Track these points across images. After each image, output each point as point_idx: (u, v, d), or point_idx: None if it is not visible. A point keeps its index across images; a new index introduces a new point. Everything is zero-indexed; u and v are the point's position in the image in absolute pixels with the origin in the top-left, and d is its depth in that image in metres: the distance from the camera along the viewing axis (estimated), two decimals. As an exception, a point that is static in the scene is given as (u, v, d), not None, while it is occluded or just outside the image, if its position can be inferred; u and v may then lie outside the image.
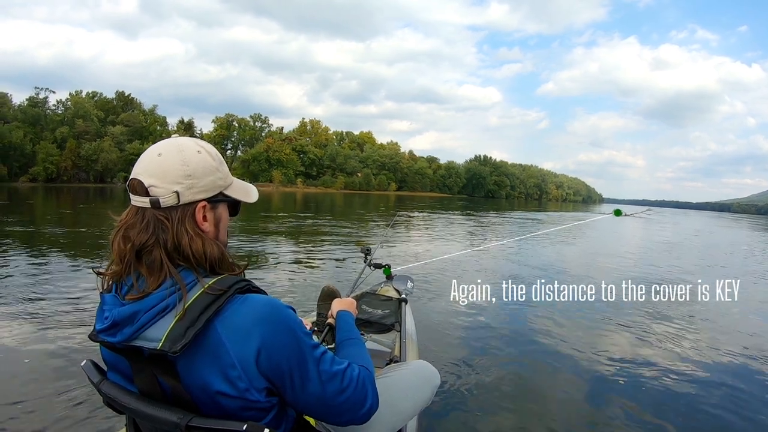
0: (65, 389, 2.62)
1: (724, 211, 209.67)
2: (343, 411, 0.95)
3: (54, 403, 2.48)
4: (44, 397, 2.56)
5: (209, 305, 0.83)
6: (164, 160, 0.90)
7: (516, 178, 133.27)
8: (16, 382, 2.76)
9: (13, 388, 2.65)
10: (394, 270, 3.04)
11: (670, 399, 3.04)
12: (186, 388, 0.84)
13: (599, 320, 4.82)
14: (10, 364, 3.04)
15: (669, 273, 8.69)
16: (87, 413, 2.37)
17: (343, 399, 0.93)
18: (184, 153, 0.92)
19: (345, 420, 0.97)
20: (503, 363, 3.48)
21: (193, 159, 0.92)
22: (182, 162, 0.90)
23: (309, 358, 0.89)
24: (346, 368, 0.95)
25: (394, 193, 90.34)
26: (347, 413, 0.96)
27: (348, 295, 1.84)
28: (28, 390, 2.63)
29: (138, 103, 79.30)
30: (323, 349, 0.94)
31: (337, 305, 1.45)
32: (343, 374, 0.94)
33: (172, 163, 0.90)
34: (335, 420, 0.97)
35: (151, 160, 0.91)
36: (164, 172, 0.89)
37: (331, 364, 0.93)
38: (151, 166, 0.90)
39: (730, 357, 3.96)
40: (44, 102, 69.43)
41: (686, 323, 4.94)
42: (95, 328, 0.89)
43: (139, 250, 0.88)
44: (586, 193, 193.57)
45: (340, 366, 0.95)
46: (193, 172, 0.91)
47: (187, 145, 0.94)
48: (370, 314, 2.56)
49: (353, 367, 0.97)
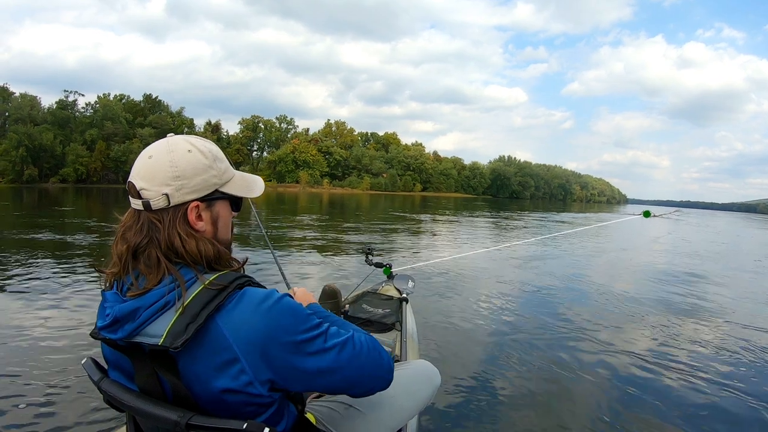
0: (66, 386, 2.63)
1: (750, 212, 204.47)
2: (365, 374, 0.95)
3: (55, 401, 2.48)
4: (45, 394, 2.54)
5: (210, 301, 0.82)
6: (153, 162, 0.89)
7: (540, 178, 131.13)
8: (18, 380, 2.71)
9: (15, 386, 2.63)
10: (395, 269, 3.04)
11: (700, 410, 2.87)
12: (187, 384, 0.84)
13: (608, 323, 4.66)
14: (12, 361, 2.99)
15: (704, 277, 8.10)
16: (87, 411, 2.37)
17: (361, 364, 0.93)
18: (173, 154, 0.90)
19: (369, 386, 0.97)
20: (505, 363, 3.42)
21: (182, 159, 0.90)
22: (170, 163, 0.89)
23: (316, 335, 0.89)
24: (352, 335, 0.95)
25: (419, 194, 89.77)
26: (370, 377, 0.96)
27: (350, 294, 1.63)
28: (29, 387, 2.62)
29: (165, 106, 79.67)
30: (327, 324, 0.93)
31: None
32: (352, 341, 0.94)
33: (160, 165, 0.89)
34: (359, 388, 0.97)
35: (143, 162, 0.91)
36: (153, 175, 0.88)
37: (337, 335, 0.93)
38: (142, 169, 0.90)
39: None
40: (73, 105, 70.24)
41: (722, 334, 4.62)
42: (97, 326, 0.89)
43: (135, 251, 0.88)
44: (610, 194, 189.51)
45: (347, 335, 0.95)
46: (182, 173, 0.89)
47: (178, 145, 0.92)
48: (371, 313, 2.50)
49: (357, 334, 0.98)
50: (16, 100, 63.65)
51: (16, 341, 3.33)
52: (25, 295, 4.63)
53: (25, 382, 2.67)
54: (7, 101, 63.12)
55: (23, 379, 2.72)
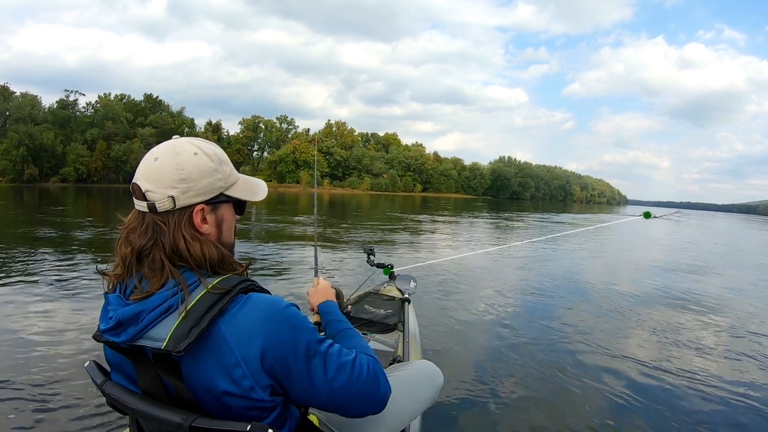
0: (68, 388, 2.62)
1: (750, 213, 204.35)
2: (358, 401, 0.93)
3: (57, 404, 2.46)
4: (47, 396, 2.53)
5: (213, 305, 0.82)
6: (160, 164, 0.89)
7: (540, 179, 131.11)
8: (19, 382, 2.69)
9: (16, 388, 2.61)
10: (397, 269, 3.05)
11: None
12: (190, 388, 0.84)
13: (609, 325, 4.67)
14: (13, 363, 2.98)
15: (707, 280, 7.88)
16: (90, 414, 2.36)
17: (356, 389, 0.91)
18: (179, 156, 0.90)
19: (361, 410, 0.95)
20: (507, 363, 3.42)
21: (189, 162, 0.90)
22: (177, 166, 0.89)
23: (316, 353, 0.88)
24: (354, 358, 0.93)
25: (419, 194, 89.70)
26: (363, 404, 0.94)
27: (352, 295, 1.59)
28: (32, 390, 2.60)
29: (165, 105, 79.72)
30: (329, 342, 0.92)
31: (314, 297, 1.35)
32: (353, 364, 0.92)
33: (167, 167, 0.88)
34: (352, 412, 0.95)
35: (149, 164, 0.90)
36: (159, 177, 0.88)
37: (339, 357, 0.91)
38: (147, 171, 0.89)
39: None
40: (74, 104, 70.29)
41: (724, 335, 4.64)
42: (99, 328, 0.89)
43: (139, 253, 0.88)
44: (610, 195, 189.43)
45: (349, 357, 0.93)
46: (188, 175, 0.89)
47: (184, 147, 0.92)
48: (373, 314, 2.51)
49: (361, 357, 0.95)
50: (16, 100, 63.74)
51: (17, 342, 3.31)
52: (24, 294, 4.61)
53: (26, 385, 2.65)
54: (7, 101, 63.15)
55: (24, 381, 2.70)
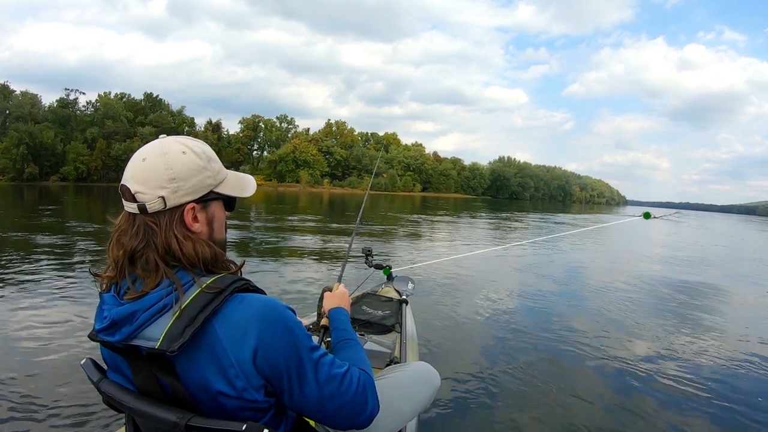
0: (65, 387, 2.62)
1: (750, 214, 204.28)
2: (342, 415, 0.92)
3: (53, 402, 2.47)
4: (44, 395, 2.54)
5: (207, 304, 0.82)
6: (148, 165, 0.88)
7: (540, 179, 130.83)
8: (17, 379, 2.71)
9: (13, 386, 2.62)
10: (395, 270, 3.01)
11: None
12: (185, 387, 0.83)
13: (608, 327, 4.67)
14: (9, 361, 2.99)
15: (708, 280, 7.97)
16: (86, 412, 2.36)
17: (343, 403, 0.91)
18: (167, 156, 0.89)
19: (345, 425, 0.94)
20: (504, 365, 3.41)
21: (178, 161, 0.89)
22: (166, 166, 0.88)
23: (307, 360, 0.87)
24: (345, 371, 0.92)
25: (419, 194, 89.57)
26: (347, 418, 0.93)
27: (349, 296, 1.61)
28: (28, 387, 2.61)
29: (166, 104, 79.56)
30: (323, 351, 0.92)
31: (328, 301, 1.37)
32: (343, 378, 0.91)
33: (155, 167, 0.88)
34: (335, 424, 0.94)
35: (137, 165, 0.89)
36: (148, 178, 0.87)
37: (330, 367, 0.90)
38: (136, 172, 0.88)
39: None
40: (74, 103, 70.08)
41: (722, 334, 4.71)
42: (95, 328, 0.89)
43: (131, 255, 0.87)
44: (609, 195, 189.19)
45: (340, 369, 0.92)
46: (177, 175, 0.88)
47: (172, 146, 0.91)
48: (371, 315, 2.53)
49: (353, 371, 0.95)
50: (17, 98, 63.57)
51: (13, 341, 3.32)
52: (24, 294, 4.62)
53: (22, 382, 2.67)
54: (8, 99, 63.01)
55: (21, 379, 2.71)
